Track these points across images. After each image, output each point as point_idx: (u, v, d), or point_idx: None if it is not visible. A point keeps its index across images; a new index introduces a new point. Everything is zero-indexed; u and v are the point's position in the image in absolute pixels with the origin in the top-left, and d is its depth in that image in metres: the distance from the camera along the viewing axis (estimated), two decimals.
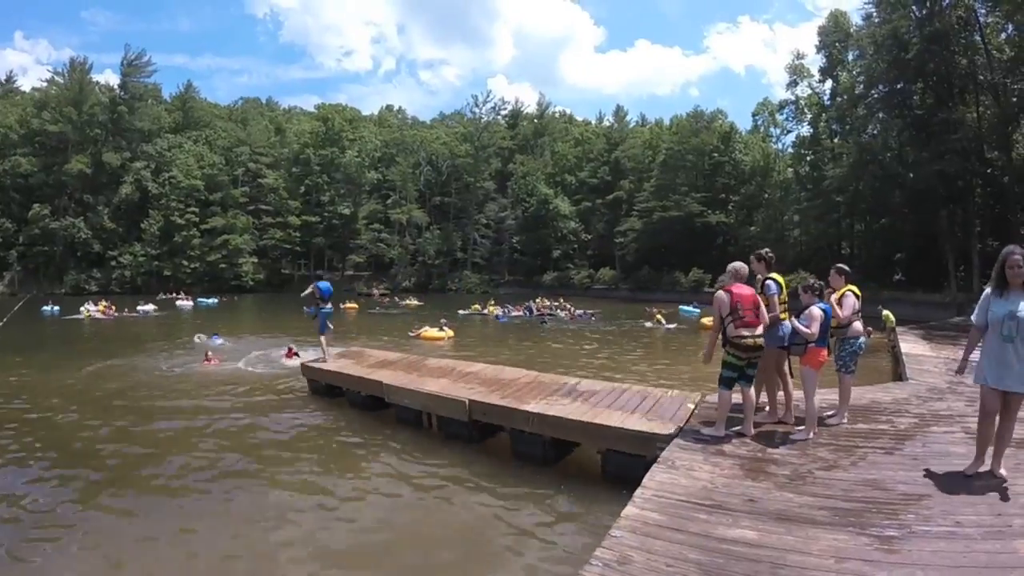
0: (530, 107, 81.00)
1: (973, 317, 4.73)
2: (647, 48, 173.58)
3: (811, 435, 6.01)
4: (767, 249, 6.80)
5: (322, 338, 12.06)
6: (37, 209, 51.66)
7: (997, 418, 4.60)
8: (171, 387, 13.05)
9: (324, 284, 12.27)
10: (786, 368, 6.75)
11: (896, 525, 3.97)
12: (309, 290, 12.17)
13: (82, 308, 30.90)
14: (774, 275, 6.56)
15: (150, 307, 35.93)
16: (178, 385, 13.30)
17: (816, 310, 6.05)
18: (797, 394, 6.49)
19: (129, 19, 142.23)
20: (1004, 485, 4.53)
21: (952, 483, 4.68)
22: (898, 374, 11.54)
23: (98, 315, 30.40)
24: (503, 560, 5.27)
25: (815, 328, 5.97)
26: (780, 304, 6.45)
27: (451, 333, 22.07)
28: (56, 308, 31.49)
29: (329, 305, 12.25)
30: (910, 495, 4.50)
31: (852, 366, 6.53)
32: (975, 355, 4.89)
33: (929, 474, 4.93)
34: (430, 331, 22.01)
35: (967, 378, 9.69)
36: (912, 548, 3.64)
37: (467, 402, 8.09)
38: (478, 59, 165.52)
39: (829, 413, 6.67)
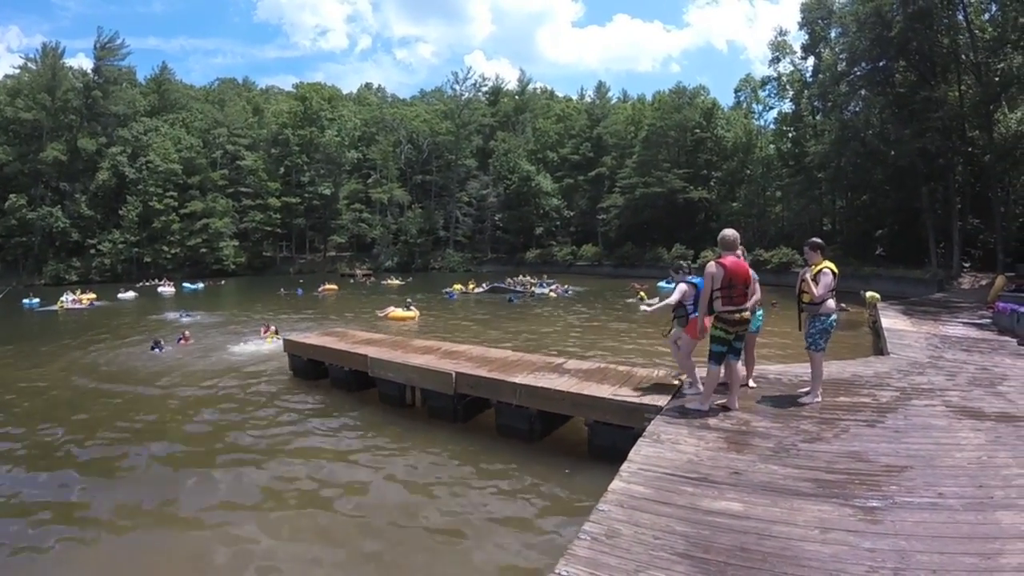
0: (511, 83, 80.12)
1: None
2: (626, 23, 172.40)
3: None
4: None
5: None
6: (13, 199, 50.29)
7: None
8: (148, 373, 12.91)
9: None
10: (755, 352, 7.19)
11: (879, 496, 4.02)
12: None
13: (61, 298, 30.25)
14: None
15: (131, 294, 35.38)
16: (155, 370, 13.18)
17: (683, 285, 6.79)
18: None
19: (100, 2, 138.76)
20: (984, 457, 4.56)
21: (934, 455, 4.74)
22: (879, 348, 11.69)
23: (72, 305, 29.74)
24: (492, 537, 5.30)
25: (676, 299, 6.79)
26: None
27: (416, 313, 22.17)
28: (36, 300, 30.81)
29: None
30: (893, 467, 4.56)
31: (822, 343, 6.34)
32: None
33: (911, 446, 4.99)
34: (396, 311, 22.28)
35: (947, 351, 9.78)
36: (895, 519, 3.68)
37: (453, 374, 8.10)
38: (455, 35, 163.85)
39: (803, 391, 6.68)
